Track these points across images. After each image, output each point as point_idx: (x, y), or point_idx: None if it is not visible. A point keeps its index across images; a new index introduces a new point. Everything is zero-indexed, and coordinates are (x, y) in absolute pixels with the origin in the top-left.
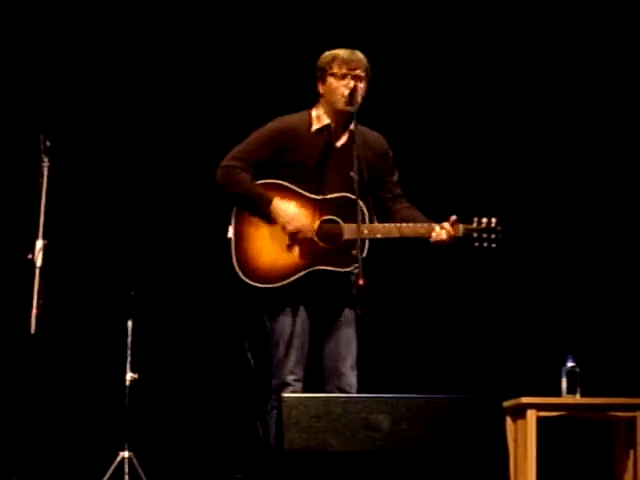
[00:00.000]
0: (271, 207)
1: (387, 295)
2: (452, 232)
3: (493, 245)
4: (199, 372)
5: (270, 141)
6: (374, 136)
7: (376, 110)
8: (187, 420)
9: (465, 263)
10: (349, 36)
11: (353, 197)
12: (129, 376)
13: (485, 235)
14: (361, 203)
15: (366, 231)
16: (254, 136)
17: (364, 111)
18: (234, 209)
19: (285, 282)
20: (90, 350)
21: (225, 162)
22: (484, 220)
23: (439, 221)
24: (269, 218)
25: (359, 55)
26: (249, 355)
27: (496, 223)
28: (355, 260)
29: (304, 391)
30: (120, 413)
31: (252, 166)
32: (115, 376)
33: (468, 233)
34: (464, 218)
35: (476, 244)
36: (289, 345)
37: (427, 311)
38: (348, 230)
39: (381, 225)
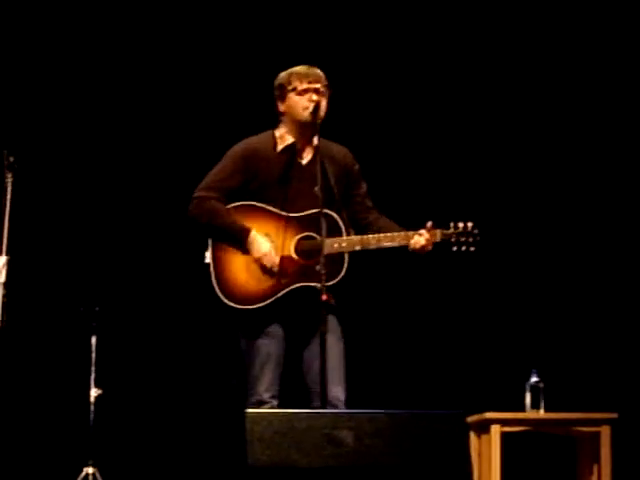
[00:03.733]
0: (249, 239)
1: (350, 311)
2: (430, 238)
3: (472, 248)
4: (164, 388)
5: (239, 166)
6: (339, 150)
7: (342, 121)
8: (152, 436)
9: (430, 277)
10: (305, 54)
11: (328, 212)
12: (93, 392)
13: (463, 239)
14: (335, 216)
15: (344, 244)
16: (222, 164)
17: (327, 125)
18: None
19: (267, 302)
20: (54, 366)
21: (197, 193)
22: (460, 224)
23: (412, 229)
24: (245, 250)
25: (317, 70)
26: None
27: (472, 227)
28: (336, 274)
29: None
30: (84, 429)
31: (225, 194)
32: (79, 392)
33: (446, 238)
34: (437, 225)
35: (454, 248)
36: (266, 363)
37: (391, 327)
38: (326, 244)
39: (357, 237)
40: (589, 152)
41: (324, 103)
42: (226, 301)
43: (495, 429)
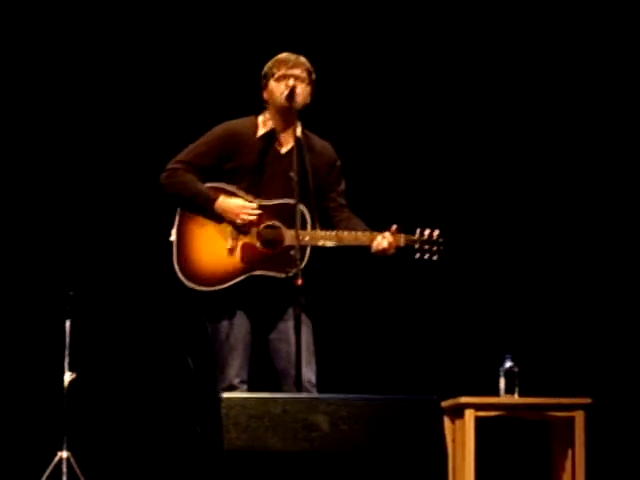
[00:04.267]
0: (217, 204)
1: (325, 295)
2: (392, 242)
3: (434, 257)
4: (138, 372)
5: (215, 146)
6: (322, 144)
7: (322, 118)
8: (126, 420)
9: (403, 263)
10: (302, 45)
11: (295, 203)
12: (67, 376)
13: (427, 247)
14: (304, 209)
15: (307, 237)
16: (200, 141)
17: (311, 119)
18: (178, 211)
19: (224, 286)
20: (28, 350)
21: (169, 165)
22: (426, 232)
23: (380, 231)
24: (215, 216)
25: (300, 57)
26: (188, 359)
27: (438, 235)
28: (295, 265)
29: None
30: (58, 413)
31: (197, 170)
32: (53, 376)
33: (410, 244)
34: (409, 229)
35: (417, 255)
36: (232, 348)
37: (365, 311)
38: (289, 236)
39: (322, 232)
40: (568, 154)
41: (302, 89)
42: (185, 281)
43: (469, 414)
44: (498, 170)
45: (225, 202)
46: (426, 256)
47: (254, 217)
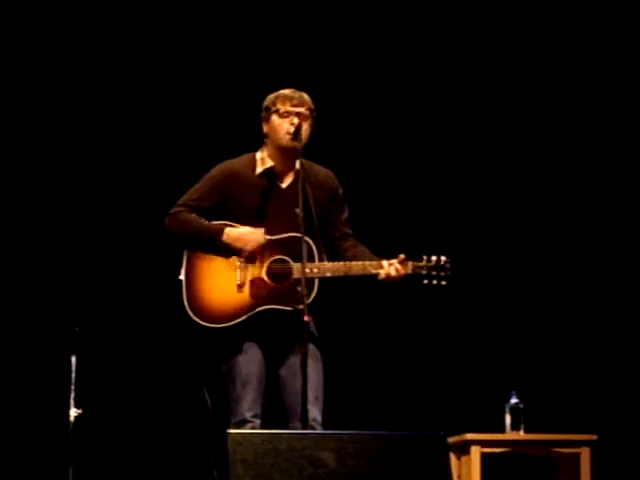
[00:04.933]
0: (224, 235)
1: (330, 330)
2: (401, 270)
3: (443, 282)
4: (144, 409)
5: (214, 188)
6: (323, 173)
7: (322, 145)
8: (132, 456)
9: (411, 300)
10: (296, 77)
11: (301, 236)
12: (73, 412)
13: (434, 272)
14: (310, 241)
15: (315, 270)
16: (199, 183)
17: (311, 148)
18: (185, 250)
19: (235, 322)
20: (34, 385)
21: (172, 210)
22: (433, 258)
23: (389, 259)
24: (222, 249)
25: (303, 94)
26: (207, 399)
27: (445, 261)
28: (304, 298)
29: (264, 427)
30: (64, 449)
31: (200, 213)
32: (59, 412)
33: (417, 271)
34: (416, 256)
35: (425, 281)
36: (245, 382)
37: (372, 348)
38: (297, 269)
39: (330, 264)
40: (581, 177)
41: (306, 127)
42: (196, 319)
43: (475, 450)
44: (505, 195)
45: (233, 231)
46: (434, 282)
47: (263, 240)
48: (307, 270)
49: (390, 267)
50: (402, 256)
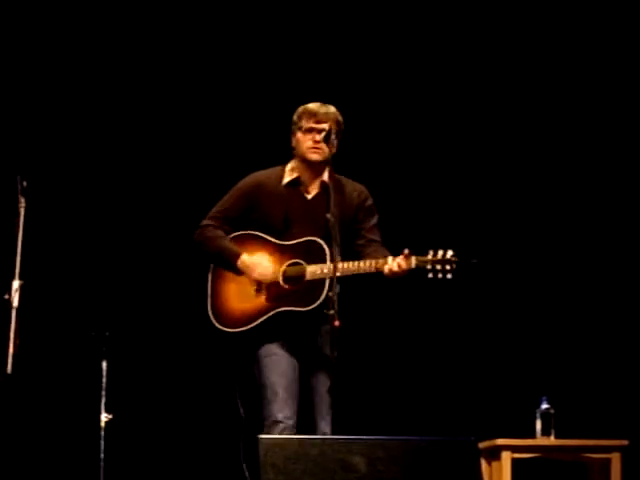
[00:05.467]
0: (239, 261)
1: (361, 336)
2: (404, 264)
3: (448, 276)
4: (175, 413)
5: (241, 198)
6: (352, 186)
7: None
8: (163, 461)
9: (441, 302)
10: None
11: (317, 240)
12: (104, 417)
13: (439, 267)
14: (320, 241)
15: (325, 270)
16: (227, 195)
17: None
18: None
19: (252, 325)
20: (65, 390)
21: (202, 222)
22: (440, 252)
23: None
24: (238, 271)
25: (329, 109)
26: (239, 402)
27: (452, 255)
28: (317, 299)
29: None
30: (95, 454)
31: (228, 223)
32: (90, 417)
33: (420, 265)
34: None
35: (430, 275)
36: (274, 385)
37: (402, 352)
38: (310, 272)
39: (340, 264)
40: (580, 171)
41: (330, 142)
42: (217, 325)
43: (506, 455)
44: (514, 189)
45: (247, 259)
46: (439, 275)
47: (270, 277)
48: (318, 271)
49: (393, 262)
50: (406, 251)
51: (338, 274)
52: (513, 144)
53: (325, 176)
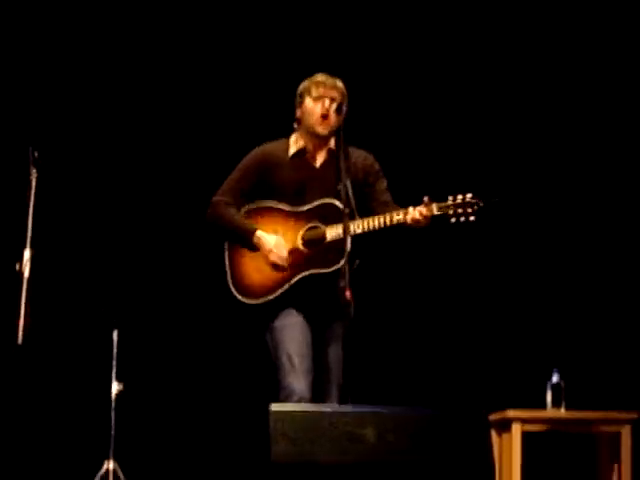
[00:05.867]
0: (254, 239)
1: (370, 307)
2: (426, 212)
3: (471, 218)
4: (186, 382)
5: (250, 171)
6: (359, 154)
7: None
8: (173, 431)
9: (451, 273)
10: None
11: (332, 201)
12: (115, 386)
13: (460, 210)
14: (337, 202)
15: (342, 229)
16: (236, 168)
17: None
18: None
19: (276, 294)
20: (76, 360)
21: (213, 198)
22: (459, 196)
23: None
24: (254, 248)
25: (336, 80)
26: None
27: (471, 197)
28: (339, 258)
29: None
30: (105, 423)
31: (240, 197)
32: (101, 386)
33: (443, 210)
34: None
35: (452, 220)
36: (291, 353)
37: (413, 323)
38: (330, 232)
39: (358, 220)
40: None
41: (338, 110)
42: (240, 297)
43: (516, 427)
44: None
45: (263, 237)
46: (462, 219)
47: (281, 263)
48: (339, 231)
49: (415, 210)
50: (426, 198)
51: (359, 231)
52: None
53: (332, 143)
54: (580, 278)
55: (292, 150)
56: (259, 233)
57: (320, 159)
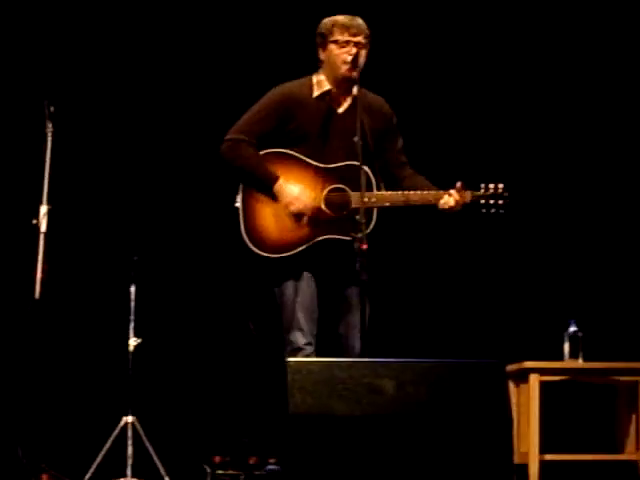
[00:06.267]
0: (275, 186)
1: (389, 261)
2: (459, 199)
3: (501, 211)
4: (203, 336)
5: (272, 111)
6: (377, 100)
7: (378, 74)
8: (191, 385)
9: (467, 229)
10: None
11: (359, 165)
12: (132, 341)
13: (492, 201)
14: (368, 170)
15: (374, 199)
16: (257, 107)
17: (365, 76)
18: None
19: (294, 252)
20: (93, 315)
21: (230, 135)
22: (491, 186)
23: (443, 188)
24: (274, 197)
25: (360, 21)
26: (250, 325)
27: (503, 189)
28: (361, 229)
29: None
30: (123, 378)
31: (258, 138)
32: (118, 341)
33: (475, 200)
34: (468, 184)
35: (483, 210)
36: (298, 311)
37: (429, 276)
38: (355, 199)
39: (388, 193)
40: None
41: (363, 56)
42: (254, 249)
43: (534, 378)
44: (563, 126)
45: (285, 186)
46: (492, 210)
47: (305, 212)
48: (365, 199)
49: (449, 197)
50: (459, 184)
51: (387, 204)
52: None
53: (355, 90)
54: (596, 230)
55: (316, 92)
56: (281, 181)
57: (344, 105)
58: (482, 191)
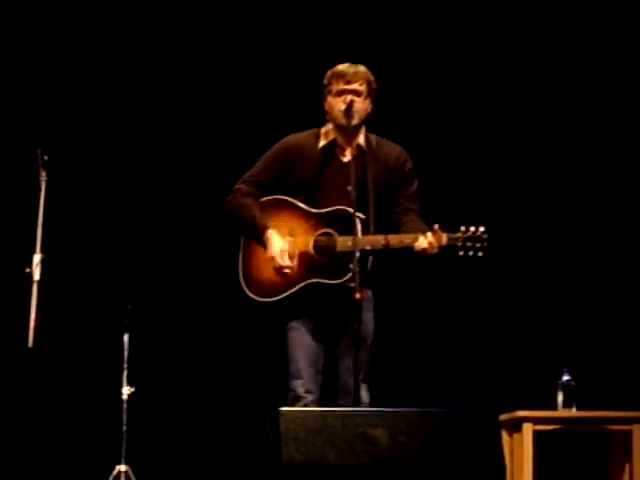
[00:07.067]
0: (264, 237)
1: (382, 310)
2: (433, 241)
3: (479, 254)
4: (197, 385)
5: (275, 161)
6: (391, 149)
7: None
8: (184, 433)
9: (460, 276)
10: (358, 51)
11: (348, 209)
12: (126, 390)
13: (469, 244)
14: (357, 214)
15: (349, 243)
16: (263, 157)
17: (376, 122)
18: None
19: (282, 295)
20: (87, 364)
21: (235, 186)
22: (471, 229)
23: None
24: (264, 245)
25: (358, 69)
26: (266, 368)
27: (482, 232)
28: (348, 271)
29: (321, 405)
30: (117, 427)
31: (262, 188)
32: (112, 390)
33: (452, 242)
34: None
35: (460, 253)
36: (298, 357)
37: (423, 324)
38: (340, 243)
39: (370, 237)
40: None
41: (361, 103)
42: (248, 292)
43: (527, 427)
44: (554, 165)
45: (269, 241)
46: (470, 253)
47: (282, 270)
48: (349, 243)
49: (424, 240)
50: (436, 226)
51: (368, 248)
52: (546, 120)
53: (361, 139)
54: (589, 278)
55: (322, 142)
56: (270, 232)
57: (349, 154)
58: (460, 233)
